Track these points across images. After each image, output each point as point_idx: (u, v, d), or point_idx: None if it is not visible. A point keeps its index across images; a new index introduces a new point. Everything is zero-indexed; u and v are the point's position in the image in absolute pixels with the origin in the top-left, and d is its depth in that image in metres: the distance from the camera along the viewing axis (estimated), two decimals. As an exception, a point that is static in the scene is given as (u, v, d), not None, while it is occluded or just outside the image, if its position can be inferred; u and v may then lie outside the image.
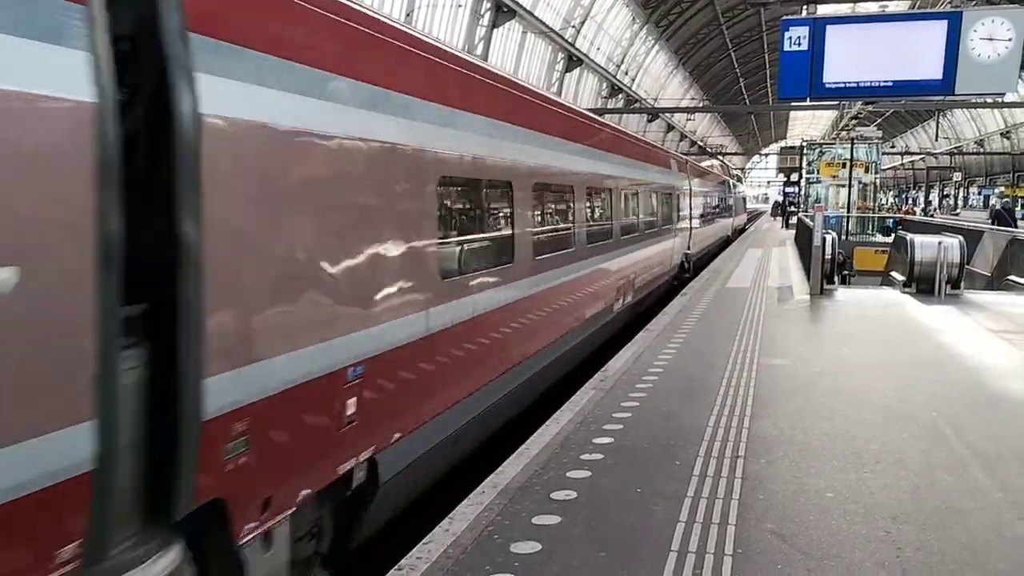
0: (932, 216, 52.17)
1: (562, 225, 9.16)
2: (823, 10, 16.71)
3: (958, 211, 65.52)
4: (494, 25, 30.99)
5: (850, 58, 12.57)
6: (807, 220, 21.09)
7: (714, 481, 5.20)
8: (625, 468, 5.45)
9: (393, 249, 4.74)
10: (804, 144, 46.46)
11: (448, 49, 6.32)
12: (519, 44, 35.26)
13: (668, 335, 10.51)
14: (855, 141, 37.03)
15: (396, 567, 4.06)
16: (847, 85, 12.79)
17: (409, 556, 4.18)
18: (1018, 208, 57.80)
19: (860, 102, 26.98)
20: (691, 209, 21.22)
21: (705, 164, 40.57)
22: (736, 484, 5.15)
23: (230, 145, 3.30)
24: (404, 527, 5.45)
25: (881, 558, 4.13)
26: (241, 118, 3.37)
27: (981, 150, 67.36)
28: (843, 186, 36.41)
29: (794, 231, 31.83)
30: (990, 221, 29.88)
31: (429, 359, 5.31)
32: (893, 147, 72.10)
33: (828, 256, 15.58)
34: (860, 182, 37.11)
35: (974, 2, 15.24)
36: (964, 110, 60.32)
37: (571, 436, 6.14)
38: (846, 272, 20.77)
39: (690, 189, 21.04)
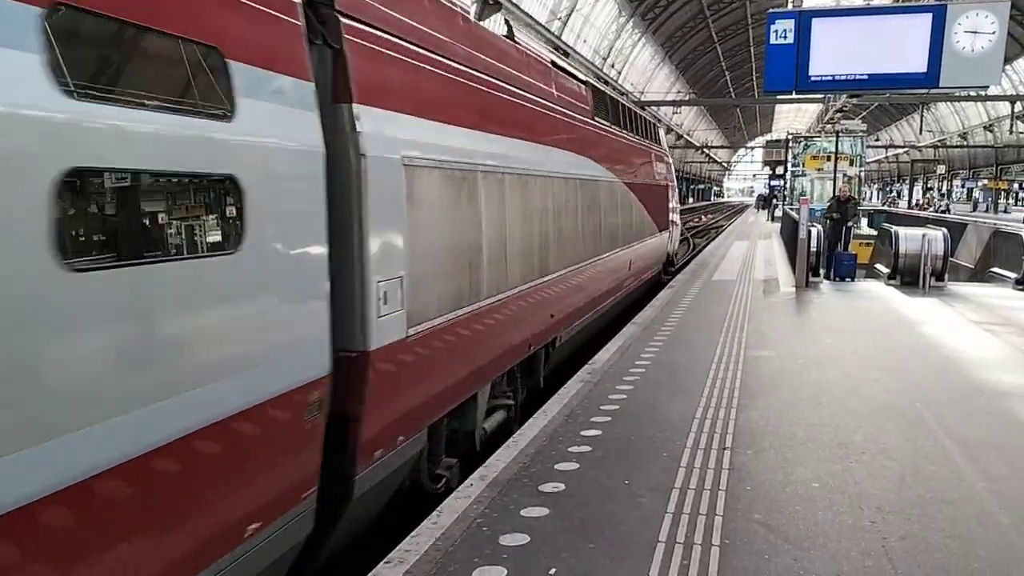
0: (946, 211, 46.42)
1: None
2: (809, 3, 16.81)
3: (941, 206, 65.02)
4: (480, 18, 30.85)
5: (836, 51, 12.62)
6: (792, 213, 21.03)
7: (701, 472, 5.23)
8: (613, 460, 5.47)
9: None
10: (789, 137, 46.64)
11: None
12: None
13: (655, 328, 10.54)
14: (840, 134, 37.25)
15: (384, 560, 4.05)
16: (833, 78, 12.84)
17: (398, 549, 4.17)
18: (1001, 199, 58.15)
19: (845, 95, 27.14)
20: None
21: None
22: (723, 475, 5.18)
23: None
24: (392, 524, 5.44)
25: (867, 547, 4.17)
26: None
27: (964, 143, 67.84)
28: (828, 179, 36.65)
29: (779, 224, 31.98)
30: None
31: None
32: (878, 140, 72.50)
33: (814, 249, 15.68)
34: (845, 175, 37.33)
35: (958, -5, 15.31)
36: (948, 103, 60.65)
37: (559, 429, 6.16)
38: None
39: None
